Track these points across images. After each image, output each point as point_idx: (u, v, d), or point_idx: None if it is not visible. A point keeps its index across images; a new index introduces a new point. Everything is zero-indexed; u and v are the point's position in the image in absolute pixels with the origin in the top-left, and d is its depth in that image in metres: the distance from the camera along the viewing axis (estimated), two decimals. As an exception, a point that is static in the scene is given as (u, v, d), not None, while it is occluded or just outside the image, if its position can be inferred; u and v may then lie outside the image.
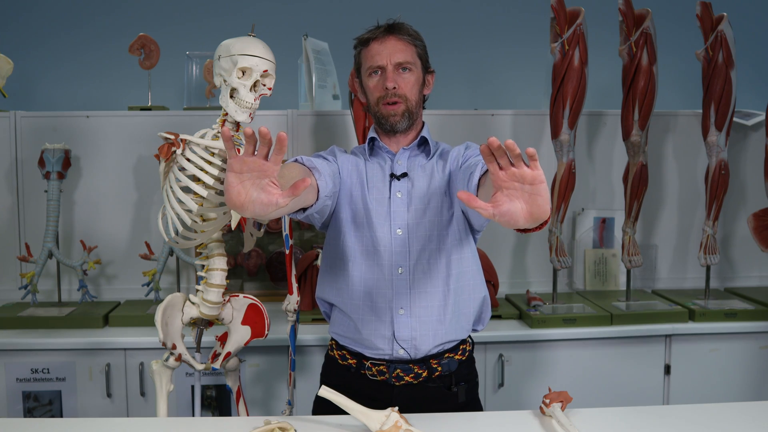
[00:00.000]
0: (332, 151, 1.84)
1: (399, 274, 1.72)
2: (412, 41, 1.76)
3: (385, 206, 1.75)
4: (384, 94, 1.74)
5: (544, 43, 2.69)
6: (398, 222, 1.74)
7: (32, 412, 2.49)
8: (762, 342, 2.68)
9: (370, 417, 1.47)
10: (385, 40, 1.74)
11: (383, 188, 1.77)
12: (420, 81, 1.78)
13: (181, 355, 1.89)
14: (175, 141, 1.77)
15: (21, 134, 2.88)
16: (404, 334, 1.71)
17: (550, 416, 1.59)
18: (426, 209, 1.74)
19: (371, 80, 1.77)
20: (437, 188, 1.74)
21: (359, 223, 1.76)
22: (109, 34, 3.32)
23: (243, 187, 1.22)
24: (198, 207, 1.78)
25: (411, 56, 1.76)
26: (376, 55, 1.74)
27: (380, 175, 1.79)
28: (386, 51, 1.74)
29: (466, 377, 1.81)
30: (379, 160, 1.81)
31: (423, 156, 1.81)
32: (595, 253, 3.07)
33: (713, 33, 2.69)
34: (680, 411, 1.70)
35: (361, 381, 1.76)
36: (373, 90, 1.77)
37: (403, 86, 1.74)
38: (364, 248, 1.75)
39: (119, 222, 2.92)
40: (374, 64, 1.75)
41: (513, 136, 3.02)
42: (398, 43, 1.74)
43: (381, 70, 1.75)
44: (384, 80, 1.74)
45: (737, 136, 3.06)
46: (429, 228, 1.74)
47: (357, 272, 1.75)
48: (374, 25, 1.78)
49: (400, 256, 1.73)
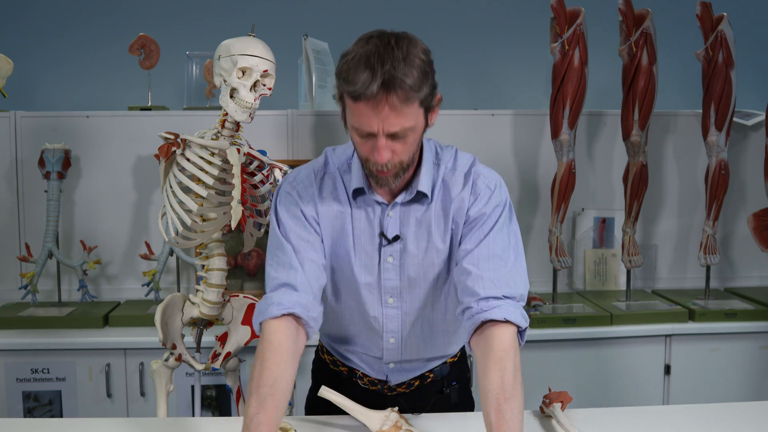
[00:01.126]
0: (311, 196, 1.52)
1: (390, 343, 1.61)
2: (413, 96, 1.32)
3: (374, 275, 1.53)
4: (374, 160, 1.39)
5: (544, 43, 2.69)
6: (390, 291, 1.55)
7: (32, 412, 2.49)
8: (762, 342, 2.68)
9: (369, 417, 1.47)
10: (378, 106, 1.30)
11: (372, 251, 1.52)
12: (420, 134, 1.41)
13: (181, 355, 1.89)
14: (175, 141, 1.77)
15: (21, 134, 2.87)
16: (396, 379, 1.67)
17: (550, 416, 1.59)
18: (421, 275, 1.54)
19: (358, 137, 1.39)
20: (435, 255, 1.52)
21: (347, 287, 1.57)
22: (109, 34, 3.32)
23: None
24: (198, 207, 1.79)
25: (410, 119, 1.34)
26: (365, 121, 1.33)
27: (368, 233, 1.52)
28: (378, 118, 1.32)
29: (458, 376, 1.77)
30: (367, 210, 1.52)
31: (419, 204, 1.51)
32: (595, 253, 3.07)
33: (713, 33, 2.69)
34: (680, 411, 1.70)
35: (353, 386, 1.71)
36: (359, 146, 1.41)
37: (399, 152, 1.38)
38: (355, 304, 1.59)
39: (119, 222, 2.92)
40: (363, 130, 1.35)
41: (513, 136, 3.02)
42: (393, 110, 1.31)
43: (371, 135, 1.36)
44: (374, 151, 1.37)
45: (737, 136, 3.06)
46: (425, 296, 1.56)
47: (345, 319, 1.63)
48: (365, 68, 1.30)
49: (392, 326, 1.59)
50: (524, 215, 3.03)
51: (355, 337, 1.64)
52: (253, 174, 1.90)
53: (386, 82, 1.29)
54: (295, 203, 1.52)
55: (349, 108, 1.36)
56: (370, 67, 1.29)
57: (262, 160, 1.90)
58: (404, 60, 1.31)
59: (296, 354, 1.41)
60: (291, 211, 1.51)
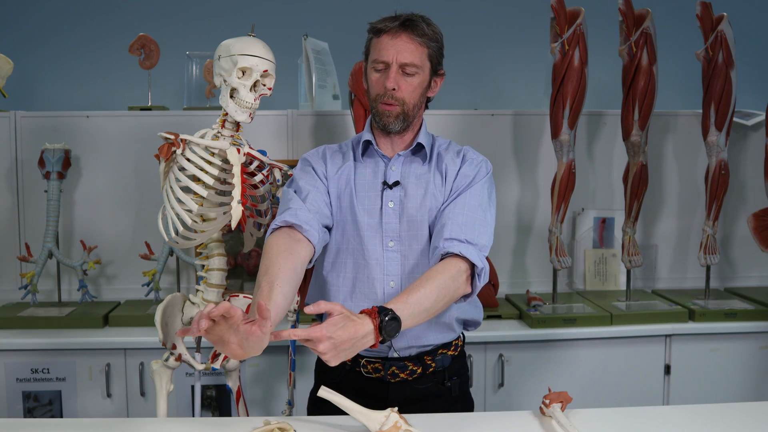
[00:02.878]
0: (322, 155, 1.78)
1: (391, 287, 1.69)
2: (425, 42, 1.68)
3: (376, 217, 1.70)
4: (383, 92, 1.68)
5: (544, 43, 2.69)
6: (390, 234, 1.70)
7: (32, 412, 2.49)
8: (762, 342, 2.68)
9: (369, 417, 1.46)
10: (396, 36, 1.66)
11: (374, 197, 1.71)
12: (424, 84, 1.72)
13: (181, 355, 1.89)
14: (175, 141, 1.77)
15: (21, 134, 2.88)
16: (398, 343, 1.70)
17: (550, 416, 1.59)
18: (419, 220, 1.69)
19: (375, 74, 1.70)
20: (432, 201, 1.70)
21: (348, 234, 1.72)
22: (109, 34, 3.33)
23: (231, 346, 1.28)
24: (198, 207, 1.78)
25: (419, 59, 1.67)
26: (384, 49, 1.67)
27: (371, 181, 1.73)
28: (394, 48, 1.66)
29: (458, 372, 1.82)
30: (372, 164, 1.76)
31: (419, 162, 1.75)
32: (595, 253, 3.07)
33: (713, 33, 2.69)
34: (680, 411, 1.70)
35: (356, 379, 1.75)
36: (374, 84, 1.71)
37: (404, 89, 1.68)
38: (354, 261, 1.71)
39: (119, 222, 2.92)
40: (380, 59, 1.68)
41: (513, 136, 3.02)
42: (409, 44, 1.66)
43: (385, 66, 1.68)
44: (385, 78, 1.67)
45: (737, 136, 3.06)
46: (424, 242, 1.69)
47: (346, 286, 1.72)
48: (393, 14, 1.70)
49: (393, 270, 1.69)
50: (524, 215, 3.03)
51: (356, 292, 1.71)
52: (253, 174, 1.90)
53: (405, 22, 1.67)
54: (308, 164, 1.76)
55: (372, 47, 1.71)
56: (396, 17, 1.69)
57: (262, 160, 1.90)
58: (423, 20, 1.69)
59: (291, 250, 1.54)
60: (303, 169, 1.75)
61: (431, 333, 1.73)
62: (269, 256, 1.51)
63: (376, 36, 1.69)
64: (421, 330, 1.71)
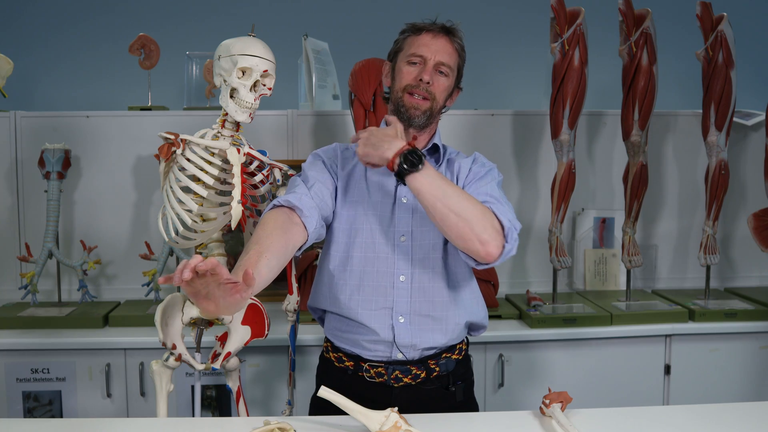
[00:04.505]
0: (333, 152, 1.80)
1: (401, 281, 1.70)
2: (459, 51, 1.77)
3: (388, 212, 1.72)
4: (415, 84, 1.70)
5: (544, 43, 2.69)
6: (402, 229, 1.71)
7: (32, 412, 2.49)
8: (762, 342, 2.68)
9: (369, 417, 1.46)
10: (437, 36, 1.73)
11: (388, 192, 1.74)
12: (450, 89, 1.77)
13: (181, 355, 1.89)
14: (175, 141, 1.77)
15: (21, 134, 2.88)
16: (404, 340, 1.70)
17: (550, 416, 1.59)
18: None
19: (408, 67, 1.73)
20: None
21: (359, 228, 1.72)
22: (109, 34, 3.32)
23: (207, 302, 1.26)
24: (198, 207, 1.79)
25: (453, 62, 1.75)
26: (424, 45, 1.72)
27: (385, 177, 1.74)
28: (435, 46, 1.72)
29: (463, 376, 1.81)
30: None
31: (432, 163, 1.77)
32: (595, 253, 3.07)
33: (713, 33, 2.69)
34: (680, 411, 1.70)
35: (358, 383, 1.74)
36: (405, 75, 1.73)
37: (437, 86, 1.72)
38: (364, 255, 1.71)
39: (119, 222, 2.92)
40: (418, 53, 1.72)
41: (513, 136, 3.03)
42: (447, 46, 1.74)
43: (422, 61, 1.71)
44: (421, 71, 1.71)
45: (737, 136, 3.06)
46: (434, 236, 1.71)
47: (354, 279, 1.72)
48: (431, 19, 1.78)
49: (403, 264, 1.70)
50: (524, 215, 3.03)
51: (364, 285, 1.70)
52: (253, 174, 1.90)
53: (446, 28, 1.76)
54: (318, 158, 1.77)
55: (408, 43, 1.75)
56: (434, 20, 1.78)
57: (262, 160, 1.90)
58: (457, 31, 1.79)
59: (287, 229, 1.53)
60: (314, 162, 1.76)
61: (438, 334, 1.73)
62: (264, 228, 1.51)
63: (415, 34, 1.75)
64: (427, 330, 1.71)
